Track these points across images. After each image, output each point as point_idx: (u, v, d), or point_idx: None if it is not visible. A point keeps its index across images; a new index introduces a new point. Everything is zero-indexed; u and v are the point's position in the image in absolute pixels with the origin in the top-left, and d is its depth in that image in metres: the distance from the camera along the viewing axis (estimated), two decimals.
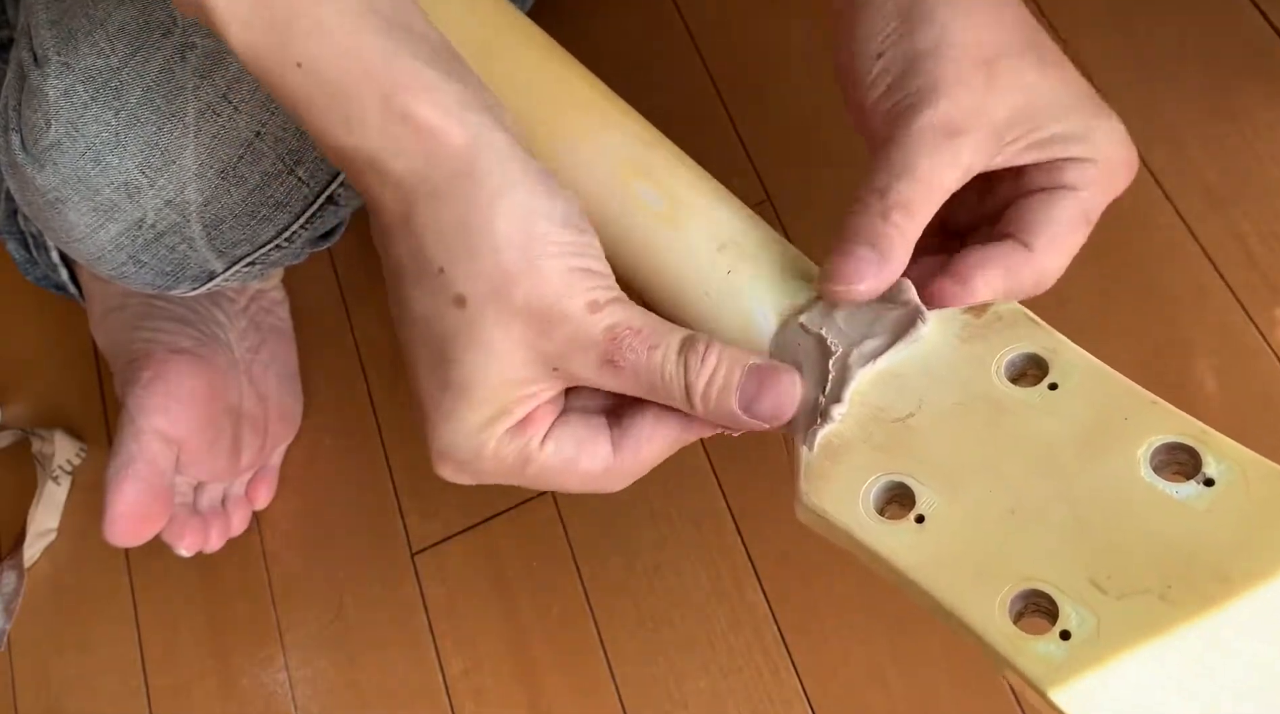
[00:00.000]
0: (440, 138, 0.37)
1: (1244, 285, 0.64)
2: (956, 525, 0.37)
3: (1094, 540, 0.35)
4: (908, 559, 0.37)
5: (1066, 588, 0.35)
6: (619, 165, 0.45)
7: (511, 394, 0.39)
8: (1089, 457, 0.37)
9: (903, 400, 0.40)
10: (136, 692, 0.74)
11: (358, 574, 0.73)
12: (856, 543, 0.38)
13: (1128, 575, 0.34)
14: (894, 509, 0.38)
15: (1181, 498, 0.35)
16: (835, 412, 0.40)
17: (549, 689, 0.67)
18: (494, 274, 0.37)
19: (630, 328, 0.38)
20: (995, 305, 0.41)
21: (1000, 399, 0.39)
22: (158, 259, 0.59)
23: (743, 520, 0.68)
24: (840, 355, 0.41)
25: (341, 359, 0.79)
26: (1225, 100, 0.68)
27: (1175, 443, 0.36)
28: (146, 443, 0.66)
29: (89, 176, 0.56)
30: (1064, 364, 0.39)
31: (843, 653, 0.63)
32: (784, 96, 0.77)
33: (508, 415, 0.39)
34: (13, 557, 0.78)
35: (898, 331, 0.41)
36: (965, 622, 0.35)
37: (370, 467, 0.76)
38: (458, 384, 0.38)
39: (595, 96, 0.47)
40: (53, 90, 0.55)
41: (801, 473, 0.40)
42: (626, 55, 0.80)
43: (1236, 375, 0.62)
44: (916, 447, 0.39)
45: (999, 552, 0.36)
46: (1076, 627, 0.34)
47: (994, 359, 0.40)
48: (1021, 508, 0.36)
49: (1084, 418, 0.38)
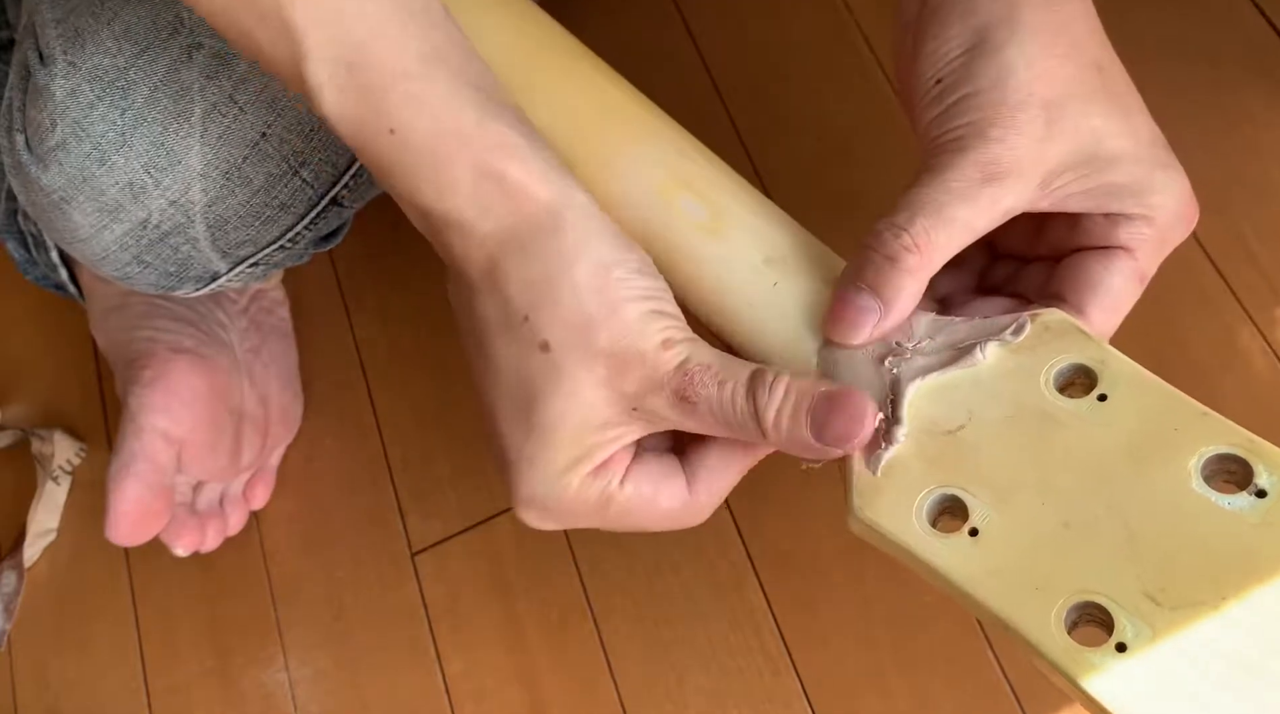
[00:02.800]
0: (530, 197, 0.39)
1: (1244, 285, 0.64)
2: (1010, 538, 0.37)
3: (1147, 552, 0.35)
4: (963, 572, 0.37)
5: (1121, 600, 0.35)
6: (662, 178, 0.45)
7: (593, 437, 0.40)
8: (1140, 468, 0.37)
9: (953, 413, 0.40)
10: (136, 692, 0.74)
11: (358, 574, 0.73)
12: (911, 556, 0.38)
13: (1182, 587, 0.35)
14: (947, 521, 0.39)
15: (1233, 509, 0.35)
16: (898, 433, 0.40)
17: (549, 689, 0.67)
18: (576, 319, 0.39)
19: (700, 364, 0.39)
20: (1043, 316, 0.41)
21: (1050, 411, 0.39)
22: (162, 260, 0.59)
23: (743, 521, 0.68)
24: (892, 372, 0.41)
25: (341, 359, 0.79)
26: (1225, 100, 0.68)
27: (1226, 454, 0.36)
28: (148, 442, 0.66)
29: (94, 177, 0.56)
30: (1112, 375, 0.39)
31: (843, 653, 0.63)
32: (784, 96, 0.77)
33: (589, 459, 0.40)
34: (13, 557, 0.78)
35: (954, 357, 0.41)
36: (1021, 634, 0.35)
37: (370, 467, 0.76)
38: (542, 427, 0.40)
39: (637, 108, 0.48)
40: (59, 90, 0.55)
41: (854, 486, 0.40)
42: (626, 55, 0.80)
43: (1236, 375, 0.62)
44: (968, 459, 0.39)
45: (1053, 564, 0.36)
46: (1132, 638, 0.34)
47: (1043, 370, 0.40)
48: (1074, 520, 0.37)
49: (1134, 429, 0.38)
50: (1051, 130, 0.41)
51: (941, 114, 0.42)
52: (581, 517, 0.42)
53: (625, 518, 0.42)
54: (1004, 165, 0.41)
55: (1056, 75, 0.42)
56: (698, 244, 0.45)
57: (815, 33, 0.78)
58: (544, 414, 0.40)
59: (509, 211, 0.39)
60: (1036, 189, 0.42)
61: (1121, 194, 0.42)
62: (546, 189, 0.40)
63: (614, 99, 0.48)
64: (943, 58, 0.43)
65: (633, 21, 0.82)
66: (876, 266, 0.41)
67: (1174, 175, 0.44)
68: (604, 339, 0.39)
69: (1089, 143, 0.42)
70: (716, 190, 0.45)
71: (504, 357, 0.40)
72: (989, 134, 0.41)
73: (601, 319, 0.39)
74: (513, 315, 0.40)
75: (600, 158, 0.46)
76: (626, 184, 0.46)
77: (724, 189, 0.46)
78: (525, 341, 0.40)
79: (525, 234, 0.39)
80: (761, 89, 0.78)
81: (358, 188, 0.61)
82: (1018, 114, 0.41)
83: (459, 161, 0.39)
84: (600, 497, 0.41)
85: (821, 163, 0.74)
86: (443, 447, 0.75)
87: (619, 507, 0.41)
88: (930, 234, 0.41)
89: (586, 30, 0.49)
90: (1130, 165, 0.42)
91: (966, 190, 0.41)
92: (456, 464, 0.74)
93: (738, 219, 0.45)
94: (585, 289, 0.39)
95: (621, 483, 0.41)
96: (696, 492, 0.42)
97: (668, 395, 0.39)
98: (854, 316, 0.42)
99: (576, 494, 0.41)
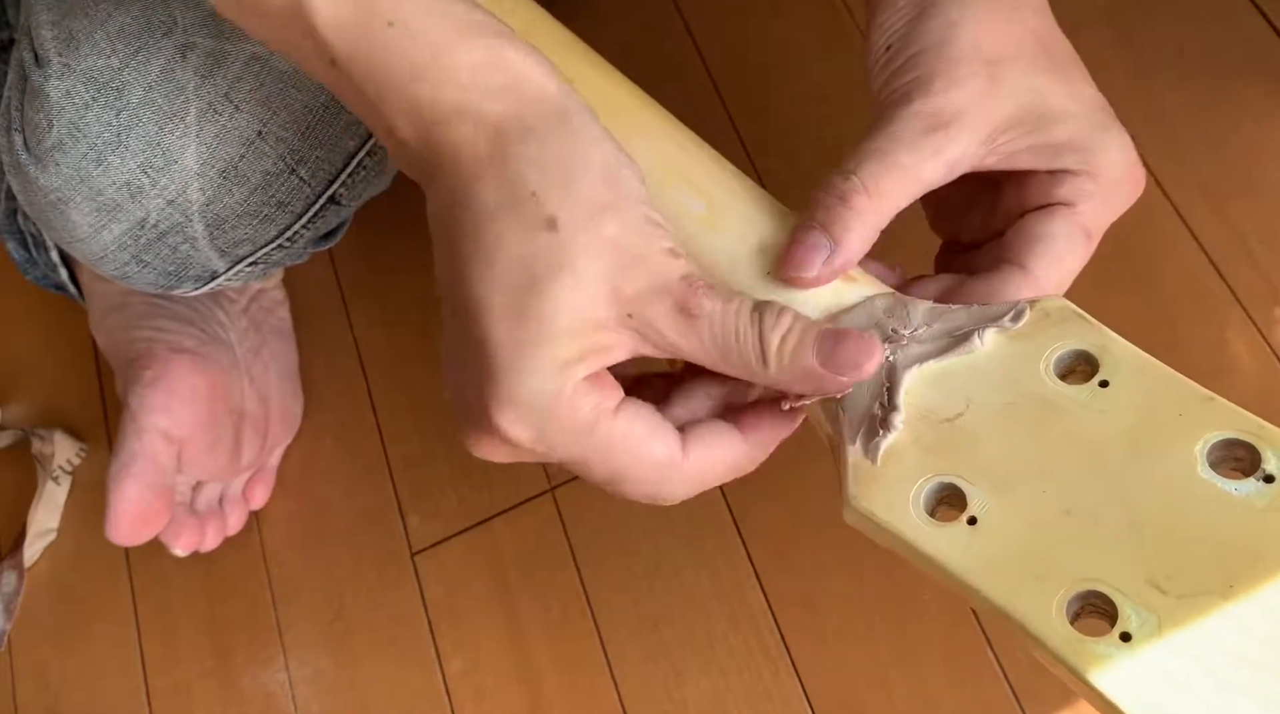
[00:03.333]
0: (537, 85, 0.39)
1: (1244, 285, 0.64)
2: (1010, 527, 0.36)
3: (1151, 540, 0.35)
4: (961, 562, 0.36)
5: (1125, 588, 0.34)
6: (657, 170, 0.45)
7: (589, 336, 0.38)
8: (1143, 454, 0.36)
9: (951, 400, 0.39)
10: (136, 692, 0.74)
11: (358, 574, 0.73)
12: (908, 546, 0.37)
13: (1188, 575, 0.34)
14: (944, 511, 0.38)
15: (1241, 495, 0.35)
16: (896, 420, 0.39)
17: (549, 689, 0.67)
18: (589, 201, 0.38)
19: (705, 281, 0.39)
20: (1042, 302, 0.40)
21: (1050, 397, 0.38)
22: (160, 259, 0.59)
23: (743, 521, 0.68)
24: (888, 358, 0.41)
25: (341, 359, 0.79)
26: (1225, 100, 0.68)
27: (1233, 439, 0.36)
28: (149, 442, 0.66)
29: (91, 177, 0.56)
30: (1114, 360, 0.38)
31: (843, 653, 0.63)
32: (784, 96, 0.77)
33: (585, 361, 0.38)
34: (13, 557, 0.78)
35: (952, 344, 0.40)
36: (1022, 624, 0.35)
37: (370, 467, 0.76)
38: (541, 314, 0.37)
39: (633, 102, 0.48)
40: (54, 91, 0.55)
41: (849, 476, 0.39)
42: (626, 55, 0.80)
43: (1236, 375, 0.62)
44: (966, 447, 0.38)
45: (1055, 553, 0.35)
46: (1137, 628, 0.33)
47: (1043, 357, 0.39)
48: (1076, 508, 0.36)
49: (1137, 415, 0.37)
50: (994, 87, 0.43)
51: (890, 75, 0.44)
52: (564, 433, 0.38)
53: (608, 452, 0.39)
54: (946, 116, 0.42)
55: (1000, 36, 0.43)
56: (694, 237, 0.44)
57: (815, 33, 0.78)
58: (545, 299, 0.37)
59: (517, 97, 0.39)
60: (981, 144, 0.43)
61: (1063, 151, 0.43)
62: (554, 84, 0.39)
63: (610, 92, 0.48)
64: (891, 25, 0.45)
65: (633, 22, 0.82)
66: (826, 206, 0.42)
67: (1116, 136, 0.44)
68: (613, 227, 0.38)
69: (1032, 100, 0.43)
70: (713, 183, 0.45)
71: (504, 238, 0.38)
72: (932, 87, 0.42)
73: (612, 208, 0.38)
74: (519, 192, 0.38)
75: None
76: None
77: (720, 182, 0.46)
78: (530, 219, 0.37)
79: (533, 118, 0.38)
80: (761, 89, 0.78)
81: (355, 186, 0.61)
82: (959, 67, 0.43)
83: (464, 46, 0.38)
84: (592, 413, 0.38)
85: (821, 163, 0.74)
86: (443, 447, 0.75)
87: (605, 435, 0.38)
88: (878, 178, 0.42)
89: (586, 30, 0.49)
90: (1072, 123, 0.43)
91: (912, 139, 0.42)
92: (456, 464, 0.74)
93: (734, 211, 0.45)
94: (599, 176, 0.38)
95: (616, 410, 0.39)
96: (689, 455, 0.40)
97: (669, 304, 0.38)
98: (803, 254, 0.42)
99: (571, 399, 0.38)
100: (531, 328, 0.37)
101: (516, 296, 0.37)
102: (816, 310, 0.43)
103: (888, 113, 0.43)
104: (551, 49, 0.48)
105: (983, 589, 0.36)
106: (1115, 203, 0.45)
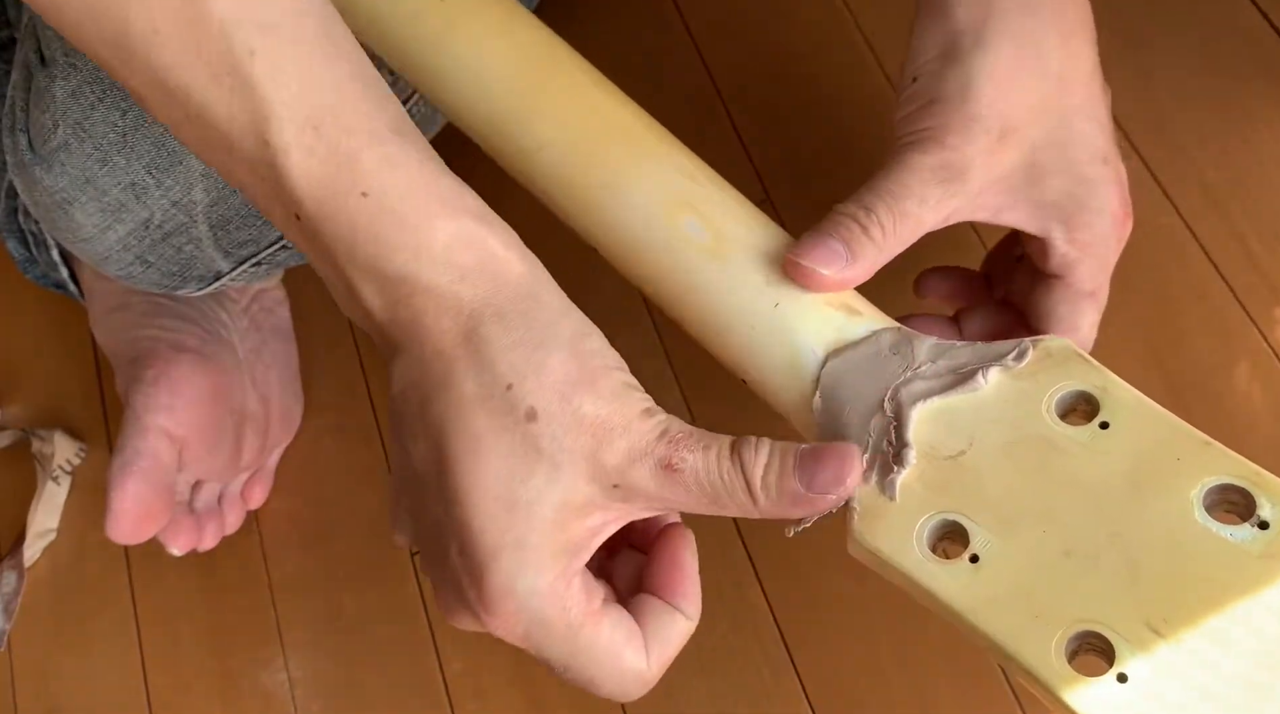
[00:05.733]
0: (508, 266, 0.39)
1: (1244, 285, 0.64)
2: (1011, 566, 0.37)
3: (1148, 582, 0.35)
4: (963, 600, 0.37)
5: (1122, 630, 0.35)
6: (664, 199, 0.45)
7: (577, 523, 0.38)
8: (1142, 497, 0.37)
9: (954, 438, 0.40)
10: (136, 692, 0.74)
11: (358, 574, 0.73)
12: (911, 582, 0.38)
13: (1184, 619, 0.34)
14: (946, 547, 0.38)
15: (1236, 540, 0.35)
16: (909, 456, 0.40)
17: (549, 689, 0.67)
18: (562, 386, 0.38)
19: (683, 432, 0.39)
20: (1045, 341, 0.41)
21: (1052, 437, 0.39)
22: (165, 259, 0.59)
23: (743, 521, 0.68)
24: (894, 394, 0.41)
25: (341, 359, 0.79)
26: (1225, 100, 0.68)
27: (1229, 484, 0.36)
28: (150, 440, 0.66)
29: (96, 177, 0.56)
30: (1114, 402, 0.39)
31: (843, 653, 0.63)
32: (784, 96, 0.77)
33: (578, 553, 0.39)
34: (13, 557, 0.78)
35: (956, 381, 0.41)
36: (1021, 662, 0.35)
37: (370, 467, 0.76)
38: (529, 510, 0.38)
39: (641, 129, 0.48)
40: (60, 91, 0.55)
41: (856, 511, 0.40)
42: (626, 55, 0.80)
43: (1237, 376, 0.62)
44: (969, 485, 0.39)
45: (1054, 593, 0.36)
46: (1133, 670, 0.34)
47: (1044, 396, 0.40)
48: (1075, 549, 0.37)
49: (1136, 457, 0.38)
50: (1001, 146, 0.46)
51: (913, 113, 0.47)
52: (551, 636, 0.38)
53: (589, 658, 0.39)
54: (953, 170, 0.45)
55: (1015, 97, 0.46)
56: (700, 266, 0.45)
57: (815, 33, 0.78)
58: (533, 494, 0.38)
59: (488, 278, 0.39)
60: (974, 198, 0.46)
61: (1048, 212, 0.48)
62: (521, 261, 0.40)
63: (618, 119, 0.48)
64: (921, 55, 0.48)
65: (633, 22, 0.82)
66: (847, 227, 0.45)
67: (1102, 187, 0.48)
68: (589, 405, 0.38)
69: (1027, 158, 0.47)
70: (719, 212, 0.46)
71: (488, 434, 0.38)
72: (946, 141, 0.46)
73: (586, 382, 0.38)
74: (497, 384, 0.38)
75: (603, 178, 0.46)
76: (629, 205, 0.46)
77: (727, 211, 0.46)
78: (511, 412, 0.38)
79: (503, 302, 0.39)
80: (761, 89, 0.78)
81: None
82: (973, 125, 0.46)
83: (438, 226, 0.38)
84: (579, 616, 0.39)
85: (821, 163, 0.74)
86: None
87: (589, 641, 0.39)
88: (892, 221, 0.45)
89: (587, 31, 0.49)
90: (1059, 179, 0.47)
91: (921, 190, 0.45)
92: None
93: (740, 241, 0.45)
94: (569, 358, 0.38)
95: (600, 615, 0.39)
96: (651, 660, 0.41)
97: (651, 465, 0.38)
98: (825, 254, 0.44)
99: (563, 599, 0.38)
100: (521, 525, 0.38)
101: (506, 491, 0.38)
102: (823, 346, 0.43)
103: (903, 156, 0.46)
104: (563, 78, 0.48)
105: (983, 627, 0.36)
106: (1107, 254, 0.49)
